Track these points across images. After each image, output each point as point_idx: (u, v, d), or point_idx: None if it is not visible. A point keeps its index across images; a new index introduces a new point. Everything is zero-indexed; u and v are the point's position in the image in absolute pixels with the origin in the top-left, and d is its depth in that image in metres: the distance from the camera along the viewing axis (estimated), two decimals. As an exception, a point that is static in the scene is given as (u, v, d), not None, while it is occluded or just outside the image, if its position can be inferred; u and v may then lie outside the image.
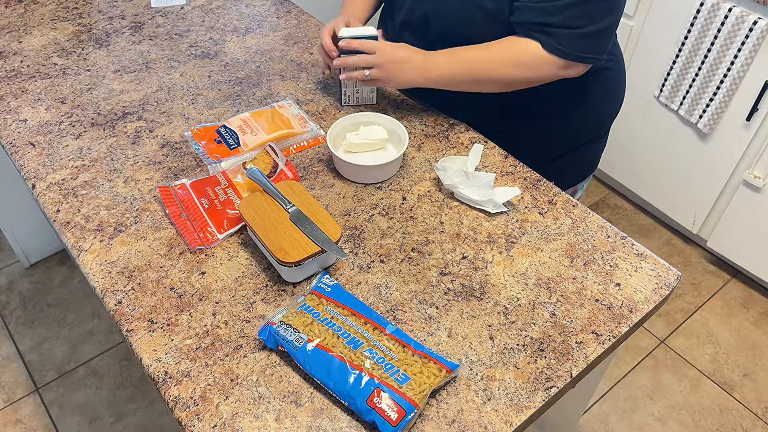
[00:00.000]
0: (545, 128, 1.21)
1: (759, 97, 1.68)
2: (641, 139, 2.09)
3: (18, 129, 1.17)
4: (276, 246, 0.88)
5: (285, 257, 0.87)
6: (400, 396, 0.74)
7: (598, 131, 1.27)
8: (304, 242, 0.89)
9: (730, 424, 1.70)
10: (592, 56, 1.05)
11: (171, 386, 0.80)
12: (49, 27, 1.44)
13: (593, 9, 0.99)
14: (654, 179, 2.13)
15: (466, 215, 1.04)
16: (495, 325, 0.88)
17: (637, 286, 0.94)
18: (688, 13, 1.76)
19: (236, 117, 1.18)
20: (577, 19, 0.99)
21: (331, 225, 0.92)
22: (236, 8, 1.53)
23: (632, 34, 1.97)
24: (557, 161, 1.23)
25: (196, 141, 1.13)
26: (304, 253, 0.88)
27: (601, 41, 1.04)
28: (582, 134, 1.25)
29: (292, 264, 0.88)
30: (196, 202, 1.02)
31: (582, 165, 1.31)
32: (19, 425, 1.66)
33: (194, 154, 1.13)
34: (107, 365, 1.79)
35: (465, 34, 1.09)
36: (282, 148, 1.12)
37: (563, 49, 1.02)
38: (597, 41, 1.04)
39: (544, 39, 1.02)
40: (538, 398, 0.80)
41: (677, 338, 1.91)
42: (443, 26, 1.11)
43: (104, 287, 0.91)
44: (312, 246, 0.89)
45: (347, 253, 0.97)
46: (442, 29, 1.12)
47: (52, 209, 1.03)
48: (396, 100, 1.26)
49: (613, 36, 1.09)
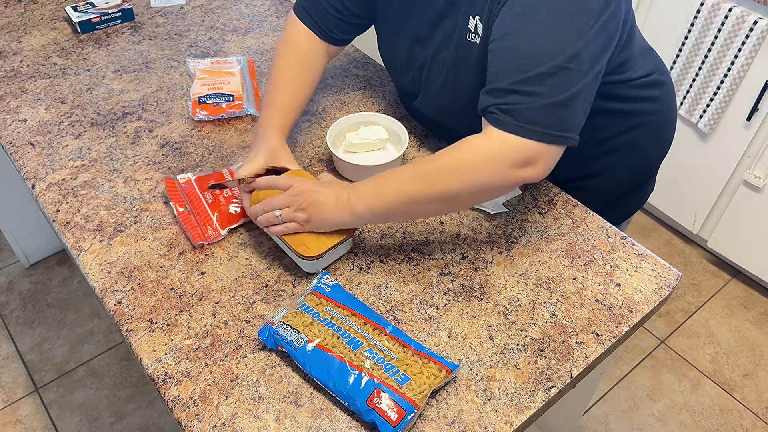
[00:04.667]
0: (590, 183, 1.13)
1: (759, 97, 1.68)
2: (641, 139, 2.08)
3: (18, 129, 1.17)
4: (296, 240, 0.90)
5: (306, 251, 0.89)
6: (400, 396, 0.74)
7: (645, 175, 1.20)
8: (324, 234, 0.91)
9: (731, 425, 1.70)
10: (558, 133, 0.81)
11: (171, 386, 0.80)
12: (49, 27, 1.44)
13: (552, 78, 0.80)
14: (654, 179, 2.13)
15: (466, 215, 1.04)
16: (495, 325, 0.88)
17: (637, 286, 0.94)
18: (688, 13, 1.76)
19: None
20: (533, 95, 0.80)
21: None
22: (236, 8, 1.53)
23: (632, 34, 1.97)
24: (603, 211, 1.09)
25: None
26: (324, 246, 0.89)
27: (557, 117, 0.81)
28: (628, 182, 1.18)
29: (313, 258, 0.89)
30: (200, 197, 1.02)
31: (628, 206, 1.23)
32: (18, 425, 1.66)
33: (194, 154, 1.13)
34: (107, 365, 1.79)
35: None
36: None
37: (520, 124, 0.79)
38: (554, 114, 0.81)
39: (497, 119, 0.81)
40: (538, 398, 0.80)
41: (677, 338, 1.91)
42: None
43: (104, 287, 0.91)
44: (332, 237, 0.90)
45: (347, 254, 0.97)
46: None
47: (52, 209, 1.03)
48: (396, 100, 1.26)
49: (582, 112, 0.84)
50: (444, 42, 0.98)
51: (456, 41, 0.95)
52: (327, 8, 1.07)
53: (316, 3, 1.08)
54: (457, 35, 0.94)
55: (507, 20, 0.83)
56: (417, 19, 1.01)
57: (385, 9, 1.07)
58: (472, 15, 0.91)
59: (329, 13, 1.08)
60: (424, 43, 1.01)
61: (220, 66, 1.30)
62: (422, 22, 1.00)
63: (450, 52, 0.97)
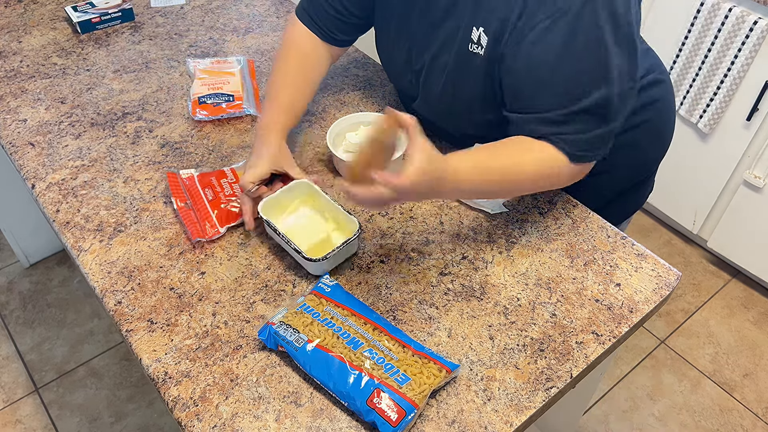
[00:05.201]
0: (590, 182, 1.12)
1: (759, 97, 1.68)
2: (641, 139, 2.08)
3: (18, 129, 1.17)
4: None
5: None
6: (400, 396, 0.74)
7: (645, 174, 1.21)
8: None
9: (731, 425, 1.70)
10: (602, 151, 0.94)
11: (171, 386, 0.80)
12: (49, 27, 1.44)
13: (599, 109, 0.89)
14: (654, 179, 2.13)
15: (466, 215, 1.04)
16: (495, 325, 0.88)
17: (637, 286, 0.94)
18: (688, 13, 1.76)
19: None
20: (588, 122, 0.89)
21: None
22: (236, 8, 1.53)
23: (632, 34, 1.96)
24: (603, 211, 1.12)
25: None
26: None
27: (609, 137, 0.93)
28: (628, 180, 1.18)
29: (319, 259, 0.89)
30: (201, 193, 1.02)
31: (628, 205, 1.24)
32: (18, 425, 1.66)
33: (194, 154, 1.13)
34: (107, 365, 1.79)
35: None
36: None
37: (578, 153, 0.91)
38: (607, 136, 0.93)
39: (561, 147, 0.91)
40: (538, 398, 0.80)
41: (677, 338, 1.91)
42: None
43: (104, 287, 0.91)
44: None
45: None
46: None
47: (52, 209, 1.03)
48: (396, 100, 1.26)
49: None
50: (445, 46, 0.97)
51: (458, 49, 0.95)
52: (327, 9, 1.07)
53: (316, 4, 1.08)
54: (459, 43, 0.94)
55: (539, 48, 0.85)
56: (417, 21, 1.00)
57: (384, 9, 1.06)
58: (476, 26, 0.91)
59: (329, 14, 1.08)
60: (423, 45, 1.01)
61: (220, 66, 1.30)
62: (422, 24, 0.99)
63: (451, 58, 0.97)
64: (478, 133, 1.03)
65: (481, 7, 0.90)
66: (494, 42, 0.90)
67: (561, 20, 0.83)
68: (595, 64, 0.85)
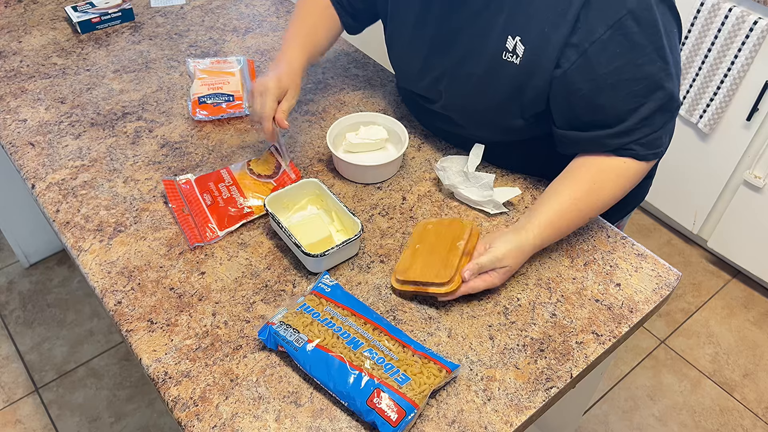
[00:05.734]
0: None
1: (759, 97, 1.68)
2: (641, 139, 2.08)
3: (17, 129, 1.17)
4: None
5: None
6: (400, 396, 0.74)
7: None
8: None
9: (731, 425, 1.70)
10: (670, 140, 0.97)
11: (171, 386, 0.80)
12: (48, 27, 1.44)
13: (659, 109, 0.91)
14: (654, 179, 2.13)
15: (466, 215, 1.04)
16: (495, 325, 0.88)
17: (637, 286, 0.94)
18: (688, 13, 1.76)
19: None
20: (658, 120, 0.92)
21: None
22: (236, 8, 1.53)
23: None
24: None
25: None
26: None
27: (674, 125, 0.98)
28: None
29: (317, 255, 0.89)
30: (199, 198, 1.02)
31: (627, 200, 1.25)
32: (18, 425, 1.66)
33: (194, 154, 1.13)
34: (107, 365, 1.79)
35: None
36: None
37: (653, 152, 0.94)
38: (673, 125, 0.97)
39: (635, 153, 0.93)
40: (538, 398, 0.80)
41: (677, 338, 1.91)
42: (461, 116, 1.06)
43: (104, 287, 0.91)
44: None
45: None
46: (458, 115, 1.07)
47: (52, 209, 1.03)
48: (396, 100, 1.26)
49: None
50: (470, 54, 0.96)
51: (489, 56, 0.93)
52: None
53: None
54: (491, 51, 0.92)
55: (605, 58, 0.86)
56: (434, 24, 0.98)
57: (397, 9, 1.05)
58: (512, 34, 0.90)
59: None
60: (443, 51, 0.99)
61: (220, 66, 1.30)
62: (443, 28, 0.98)
63: (478, 66, 0.95)
64: (500, 138, 1.04)
65: (518, 15, 0.89)
66: (532, 54, 0.89)
67: (621, 25, 0.84)
68: (657, 58, 0.86)
